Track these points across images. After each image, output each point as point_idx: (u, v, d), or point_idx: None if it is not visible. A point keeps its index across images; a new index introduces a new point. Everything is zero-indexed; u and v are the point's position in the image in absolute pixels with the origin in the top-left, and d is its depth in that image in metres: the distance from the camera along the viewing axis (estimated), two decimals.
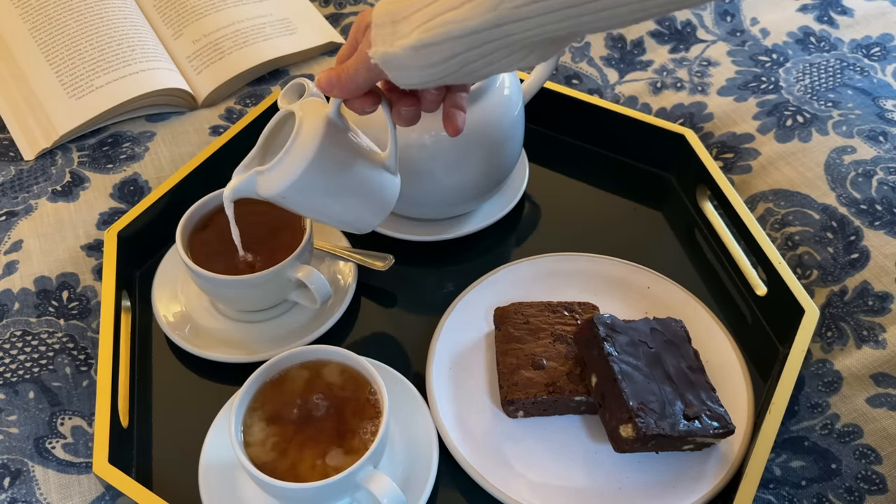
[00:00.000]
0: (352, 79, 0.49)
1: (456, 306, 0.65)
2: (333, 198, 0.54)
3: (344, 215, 0.57)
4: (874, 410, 0.58)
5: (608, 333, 0.57)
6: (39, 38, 0.84)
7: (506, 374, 0.59)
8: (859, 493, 0.54)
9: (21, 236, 0.71)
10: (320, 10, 0.97)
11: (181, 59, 0.87)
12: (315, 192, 0.53)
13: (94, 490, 0.55)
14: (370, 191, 0.56)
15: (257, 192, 0.53)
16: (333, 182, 0.53)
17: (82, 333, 0.65)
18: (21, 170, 0.77)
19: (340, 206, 0.55)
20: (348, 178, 0.54)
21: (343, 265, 0.69)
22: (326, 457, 0.50)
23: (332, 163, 0.52)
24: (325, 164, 0.51)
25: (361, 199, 0.56)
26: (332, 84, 0.50)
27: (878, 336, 0.61)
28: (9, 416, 0.59)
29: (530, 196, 0.78)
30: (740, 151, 0.77)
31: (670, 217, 0.75)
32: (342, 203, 0.55)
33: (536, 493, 0.55)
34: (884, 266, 0.65)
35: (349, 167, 0.54)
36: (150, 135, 0.81)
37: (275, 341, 0.64)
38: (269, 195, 0.53)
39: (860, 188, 0.70)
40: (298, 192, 0.52)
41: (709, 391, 0.56)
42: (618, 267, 0.69)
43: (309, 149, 0.51)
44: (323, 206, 0.55)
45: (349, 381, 0.54)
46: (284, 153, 0.51)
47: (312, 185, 0.52)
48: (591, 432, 0.59)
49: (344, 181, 0.54)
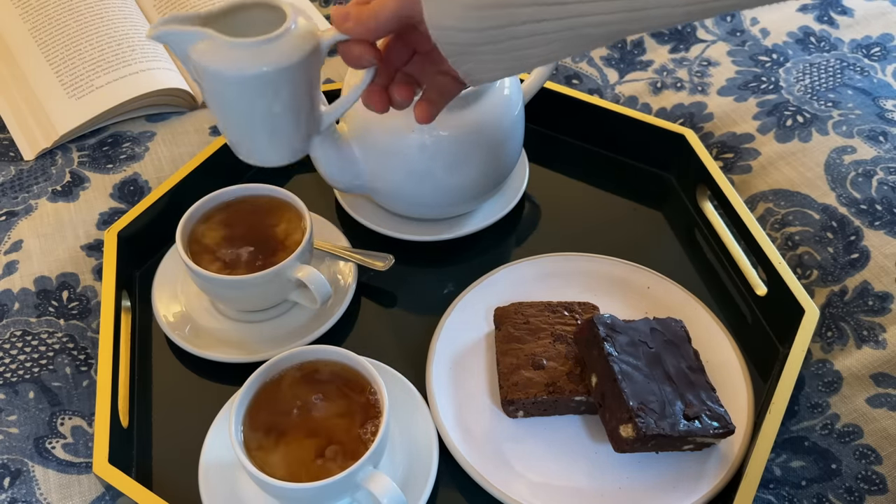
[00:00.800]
0: (374, 15, 0.43)
1: (456, 306, 0.65)
2: (266, 111, 0.49)
3: (254, 133, 0.52)
4: (874, 411, 0.58)
5: (608, 333, 0.57)
6: (39, 38, 0.84)
7: (506, 374, 0.59)
8: (859, 493, 0.54)
9: (21, 236, 0.71)
10: (320, 10, 0.97)
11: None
12: (259, 96, 0.48)
13: (94, 490, 0.55)
14: (294, 127, 0.52)
15: (193, 55, 0.47)
16: (282, 97, 0.49)
17: (82, 333, 0.65)
18: (21, 170, 0.77)
19: (263, 124, 0.51)
20: (293, 102, 0.50)
21: (343, 265, 0.69)
22: (326, 457, 0.50)
23: (296, 80, 0.48)
24: (293, 77, 0.47)
25: (280, 129, 0.52)
26: (347, 16, 0.45)
27: (878, 336, 0.61)
28: (9, 416, 0.59)
29: (530, 196, 0.78)
30: (740, 151, 0.77)
31: (670, 217, 0.75)
32: (266, 122, 0.50)
33: (536, 493, 0.55)
34: (884, 266, 0.65)
35: (300, 96, 0.50)
36: (150, 135, 0.81)
37: (275, 341, 0.64)
38: (214, 68, 0.47)
39: (860, 188, 0.70)
40: (247, 87, 0.47)
41: (709, 391, 0.56)
42: (618, 267, 0.69)
43: (295, 53, 0.47)
44: (249, 113, 0.50)
45: (349, 382, 0.54)
46: (269, 40, 0.46)
47: (264, 89, 0.47)
48: (591, 432, 0.59)
49: (288, 103, 0.50)
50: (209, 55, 0.47)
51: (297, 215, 0.65)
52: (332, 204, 0.76)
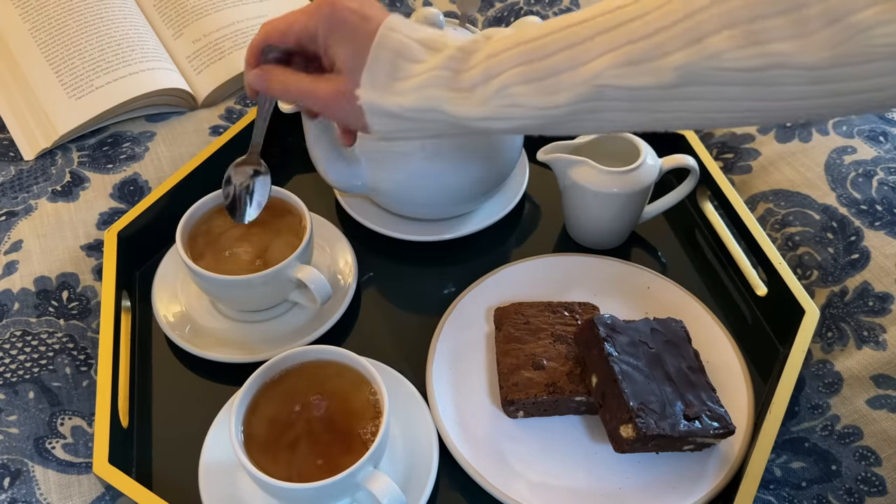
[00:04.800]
0: (296, 95, 0.51)
1: (456, 306, 0.65)
2: (610, 215, 0.70)
3: (595, 225, 0.71)
4: (874, 412, 0.58)
5: (608, 333, 0.57)
6: (39, 38, 0.84)
7: (506, 374, 0.59)
8: (859, 494, 0.54)
9: (21, 236, 0.71)
10: None
11: (181, 59, 0.87)
12: (611, 205, 0.68)
13: (94, 490, 0.55)
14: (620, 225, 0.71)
15: (571, 174, 0.67)
16: (626, 206, 0.69)
17: (82, 333, 0.65)
18: (21, 170, 0.77)
19: (602, 221, 0.71)
20: (625, 210, 0.69)
21: (343, 265, 0.69)
22: (326, 457, 0.50)
23: (637, 200, 0.69)
24: (637, 198, 0.68)
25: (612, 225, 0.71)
26: (278, 89, 0.51)
27: (878, 337, 0.61)
28: (9, 416, 0.59)
29: (530, 196, 0.78)
30: (740, 151, 0.77)
31: (670, 217, 0.75)
32: (605, 221, 0.71)
33: (536, 493, 0.55)
34: (884, 266, 0.65)
35: (636, 205, 0.70)
36: (150, 135, 0.81)
37: (275, 341, 0.64)
38: (587, 185, 0.66)
39: (860, 188, 0.70)
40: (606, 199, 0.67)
41: (709, 391, 0.56)
42: (618, 267, 0.69)
43: (640, 183, 0.67)
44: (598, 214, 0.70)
45: (349, 382, 0.54)
46: (628, 171, 0.66)
47: (617, 201, 0.68)
48: (591, 432, 0.59)
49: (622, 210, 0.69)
50: (584, 176, 0.66)
51: (297, 215, 0.65)
52: (332, 204, 0.76)
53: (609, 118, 0.42)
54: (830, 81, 0.36)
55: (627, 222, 0.70)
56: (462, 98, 0.44)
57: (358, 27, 0.46)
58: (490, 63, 0.43)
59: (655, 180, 0.67)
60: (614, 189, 0.66)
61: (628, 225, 0.70)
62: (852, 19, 0.34)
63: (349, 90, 0.47)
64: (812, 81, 0.36)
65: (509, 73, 0.43)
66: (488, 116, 0.44)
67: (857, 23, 0.34)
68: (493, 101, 0.43)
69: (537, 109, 0.43)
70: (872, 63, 0.35)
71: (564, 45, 0.41)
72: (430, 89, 0.45)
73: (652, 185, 0.68)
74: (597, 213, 0.68)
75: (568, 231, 0.73)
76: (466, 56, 0.44)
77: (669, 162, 0.69)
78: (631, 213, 0.69)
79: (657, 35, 0.39)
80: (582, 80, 0.41)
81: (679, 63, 0.38)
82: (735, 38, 0.37)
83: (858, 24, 0.34)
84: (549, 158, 0.67)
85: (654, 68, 0.39)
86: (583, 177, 0.66)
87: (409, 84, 0.45)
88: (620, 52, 0.40)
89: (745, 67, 0.37)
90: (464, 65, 0.44)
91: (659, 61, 0.39)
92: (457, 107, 0.44)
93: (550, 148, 0.68)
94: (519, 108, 0.43)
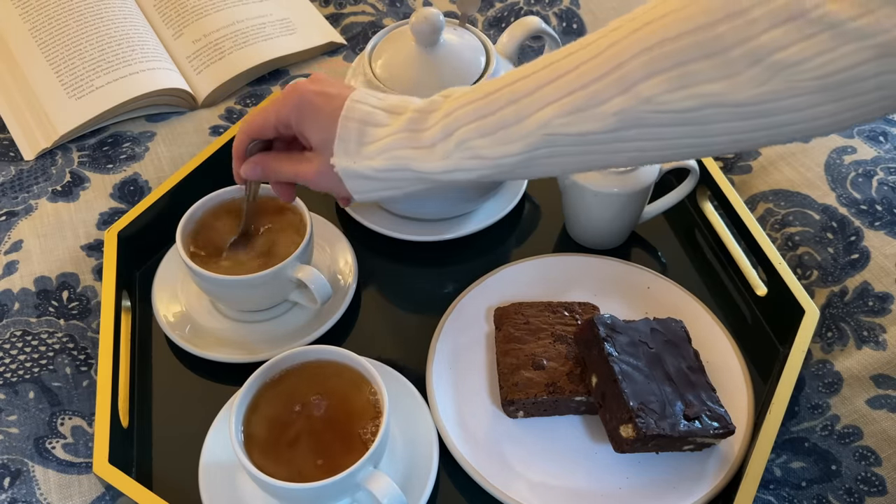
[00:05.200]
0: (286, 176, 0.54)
1: (456, 306, 0.65)
2: (608, 216, 0.70)
3: (596, 226, 0.72)
4: (874, 412, 0.58)
5: (608, 333, 0.57)
6: (39, 38, 0.84)
7: (506, 374, 0.59)
8: (859, 494, 0.54)
9: (21, 236, 0.71)
10: (320, 10, 0.97)
11: (181, 59, 0.87)
12: (609, 206, 0.68)
13: (94, 490, 0.55)
14: (620, 225, 0.71)
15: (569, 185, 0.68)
16: (625, 207, 0.69)
17: (82, 333, 0.65)
18: (21, 170, 0.77)
19: (602, 222, 0.71)
20: (624, 211, 0.70)
21: (343, 265, 0.69)
22: (326, 457, 0.50)
23: (637, 200, 0.69)
24: (637, 198, 0.68)
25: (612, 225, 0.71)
26: (272, 176, 0.55)
27: (878, 337, 0.61)
28: (9, 416, 0.59)
29: (530, 196, 0.78)
30: (740, 151, 0.77)
31: (670, 217, 0.75)
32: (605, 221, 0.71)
33: (536, 493, 0.55)
34: (884, 266, 0.65)
35: (635, 206, 0.70)
36: (150, 135, 0.81)
37: (275, 341, 0.64)
38: (586, 185, 0.67)
39: (860, 188, 0.70)
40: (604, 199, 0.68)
41: (709, 391, 0.56)
42: (618, 267, 0.69)
43: (640, 183, 0.68)
44: (598, 214, 0.70)
45: (349, 381, 0.54)
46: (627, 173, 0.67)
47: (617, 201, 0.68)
48: (591, 432, 0.59)
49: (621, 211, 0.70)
50: (584, 176, 0.66)
51: (297, 215, 0.65)
52: (332, 204, 0.76)
53: (563, 162, 0.45)
54: (763, 116, 0.38)
55: (627, 222, 0.70)
56: (425, 155, 0.47)
57: (323, 107, 0.50)
58: (447, 121, 0.46)
59: (655, 180, 0.68)
60: (614, 189, 0.66)
61: (628, 225, 0.70)
62: (776, 57, 0.35)
63: (326, 163, 0.50)
64: (745, 117, 0.38)
65: (466, 129, 0.46)
66: (451, 169, 0.47)
67: (781, 60, 0.35)
68: (454, 155, 0.46)
69: (495, 159, 0.46)
70: (801, 97, 0.36)
71: (511, 100, 0.44)
72: (396, 150, 0.48)
73: (652, 186, 0.68)
74: (597, 213, 0.68)
75: (568, 231, 0.73)
76: (425, 116, 0.48)
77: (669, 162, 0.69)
78: (631, 213, 0.69)
79: (592, 85, 0.41)
80: (529, 131, 0.44)
81: (616, 109, 0.40)
82: (665, 82, 0.39)
83: (782, 61, 0.35)
84: None
85: (596, 115, 0.41)
86: (583, 177, 0.66)
87: (376, 147, 0.49)
88: (563, 102, 0.42)
89: (678, 109, 0.39)
90: (423, 124, 0.48)
91: (599, 108, 0.41)
92: (421, 163, 0.48)
93: None
94: (479, 160, 0.46)
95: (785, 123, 0.38)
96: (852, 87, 0.35)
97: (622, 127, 0.41)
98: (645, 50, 0.39)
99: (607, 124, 0.41)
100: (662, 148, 0.42)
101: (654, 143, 0.41)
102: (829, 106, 0.36)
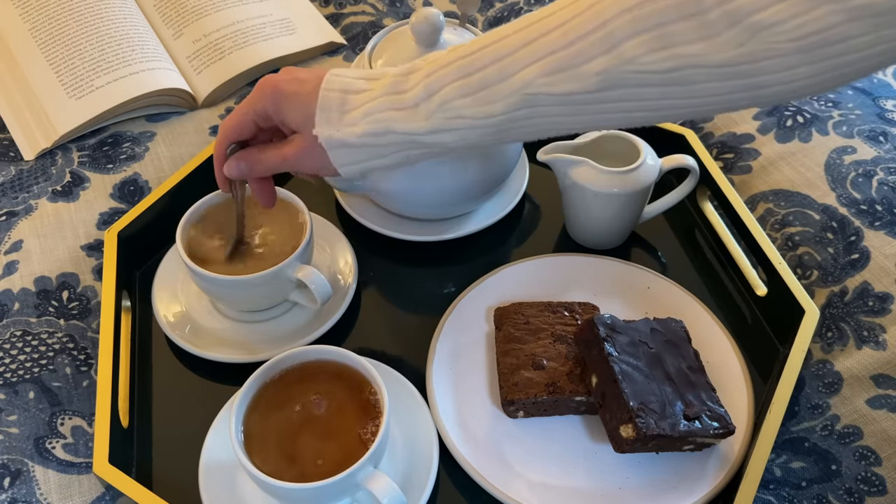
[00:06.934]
0: (268, 165, 0.54)
1: (456, 306, 0.65)
2: (608, 215, 0.70)
3: (595, 225, 0.72)
4: (874, 412, 0.58)
5: (608, 333, 0.57)
6: (39, 38, 0.84)
7: (506, 374, 0.59)
8: (859, 494, 0.54)
9: (21, 236, 0.71)
10: (320, 10, 0.97)
11: (181, 59, 0.87)
12: (609, 205, 0.68)
13: (94, 490, 0.55)
14: (621, 224, 0.71)
15: (572, 174, 0.67)
16: (625, 206, 0.69)
17: (82, 333, 0.65)
18: (21, 170, 0.77)
19: (602, 221, 0.71)
20: (625, 210, 0.69)
21: (343, 265, 0.69)
22: (326, 457, 0.50)
23: (637, 200, 0.69)
24: (637, 198, 0.68)
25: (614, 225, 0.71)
26: (257, 168, 0.54)
27: (878, 337, 0.61)
28: (9, 416, 0.59)
29: (530, 196, 0.78)
30: (740, 151, 0.77)
31: (670, 217, 0.75)
32: (605, 220, 0.71)
33: (536, 493, 0.55)
34: (884, 266, 0.65)
35: (636, 205, 0.70)
36: (150, 135, 0.81)
37: (275, 341, 0.64)
38: (586, 185, 0.67)
39: (860, 188, 0.70)
40: (605, 199, 0.67)
41: (709, 391, 0.56)
42: (618, 267, 0.69)
43: (640, 183, 0.67)
44: (598, 214, 0.70)
45: (349, 382, 0.54)
46: (628, 171, 0.66)
47: (616, 201, 0.68)
48: (591, 432, 0.59)
49: (621, 210, 0.70)
50: (584, 176, 0.66)
51: (297, 215, 0.65)
52: (332, 204, 0.76)
53: (545, 123, 0.45)
54: (741, 77, 0.38)
55: (627, 222, 0.70)
56: (408, 115, 0.47)
57: (299, 90, 0.50)
58: (430, 80, 0.46)
59: (655, 180, 0.67)
60: (614, 189, 0.66)
61: (628, 225, 0.70)
62: (754, 19, 0.36)
63: (309, 138, 0.50)
64: (724, 78, 0.39)
65: (448, 88, 0.45)
66: (435, 129, 0.47)
67: (758, 22, 0.36)
68: (437, 115, 0.46)
69: (478, 119, 0.45)
70: (778, 58, 0.37)
71: (494, 58, 0.44)
72: (378, 113, 0.48)
73: (652, 185, 0.68)
74: (597, 213, 0.68)
75: (568, 231, 0.73)
76: (406, 77, 0.48)
77: (669, 162, 0.69)
78: (631, 213, 0.69)
79: (576, 44, 0.41)
80: (512, 90, 0.43)
81: (599, 69, 0.41)
82: (646, 42, 0.39)
83: (760, 22, 0.36)
84: (549, 158, 0.67)
85: (578, 75, 0.41)
86: (583, 177, 0.66)
87: (359, 112, 0.48)
88: (546, 61, 0.42)
89: (659, 69, 0.39)
90: (404, 85, 0.47)
91: (581, 68, 0.41)
92: (405, 124, 0.47)
93: (550, 148, 0.68)
94: (462, 119, 0.46)
95: (763, 85, 0.38)
96: (826, 50, 0.35)
97: (605, 87, 0.41)
98: (626, 10, 0.39)
99: (590, 84, 0.41)
100: (646, 109, 0.42)
101: (638, 103, 0.42)
102: (804, 68, 0.37)
